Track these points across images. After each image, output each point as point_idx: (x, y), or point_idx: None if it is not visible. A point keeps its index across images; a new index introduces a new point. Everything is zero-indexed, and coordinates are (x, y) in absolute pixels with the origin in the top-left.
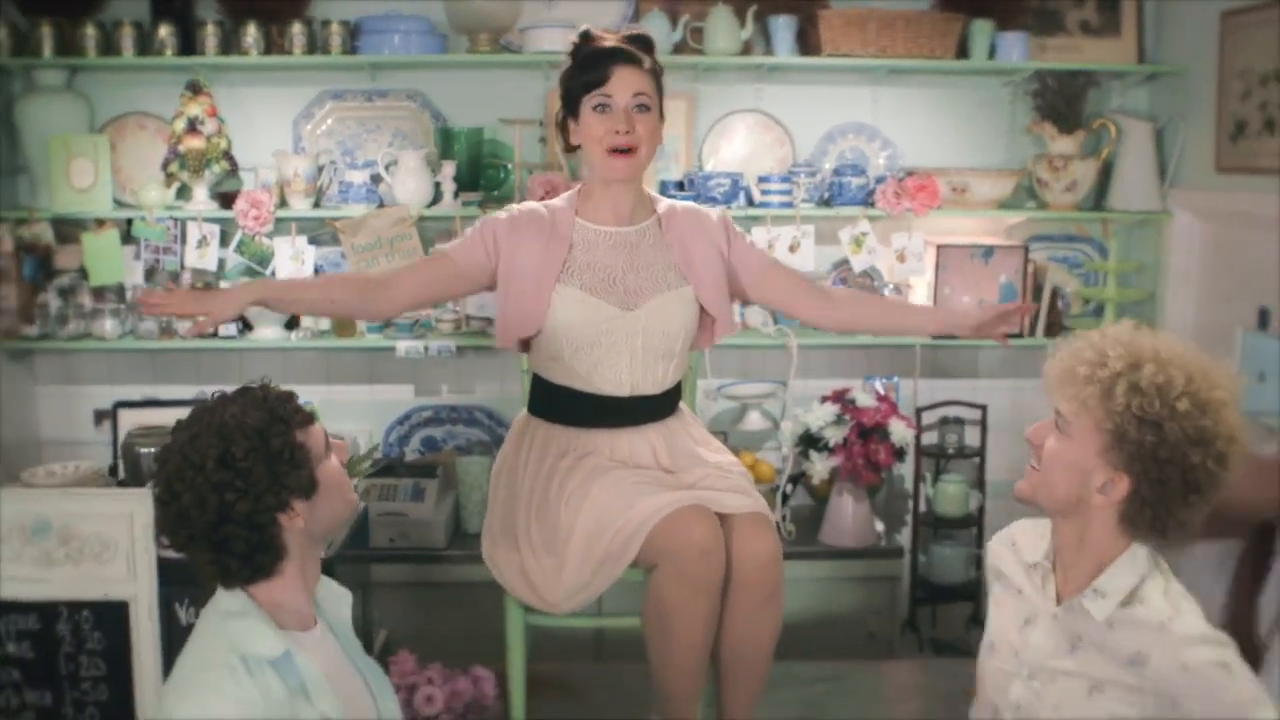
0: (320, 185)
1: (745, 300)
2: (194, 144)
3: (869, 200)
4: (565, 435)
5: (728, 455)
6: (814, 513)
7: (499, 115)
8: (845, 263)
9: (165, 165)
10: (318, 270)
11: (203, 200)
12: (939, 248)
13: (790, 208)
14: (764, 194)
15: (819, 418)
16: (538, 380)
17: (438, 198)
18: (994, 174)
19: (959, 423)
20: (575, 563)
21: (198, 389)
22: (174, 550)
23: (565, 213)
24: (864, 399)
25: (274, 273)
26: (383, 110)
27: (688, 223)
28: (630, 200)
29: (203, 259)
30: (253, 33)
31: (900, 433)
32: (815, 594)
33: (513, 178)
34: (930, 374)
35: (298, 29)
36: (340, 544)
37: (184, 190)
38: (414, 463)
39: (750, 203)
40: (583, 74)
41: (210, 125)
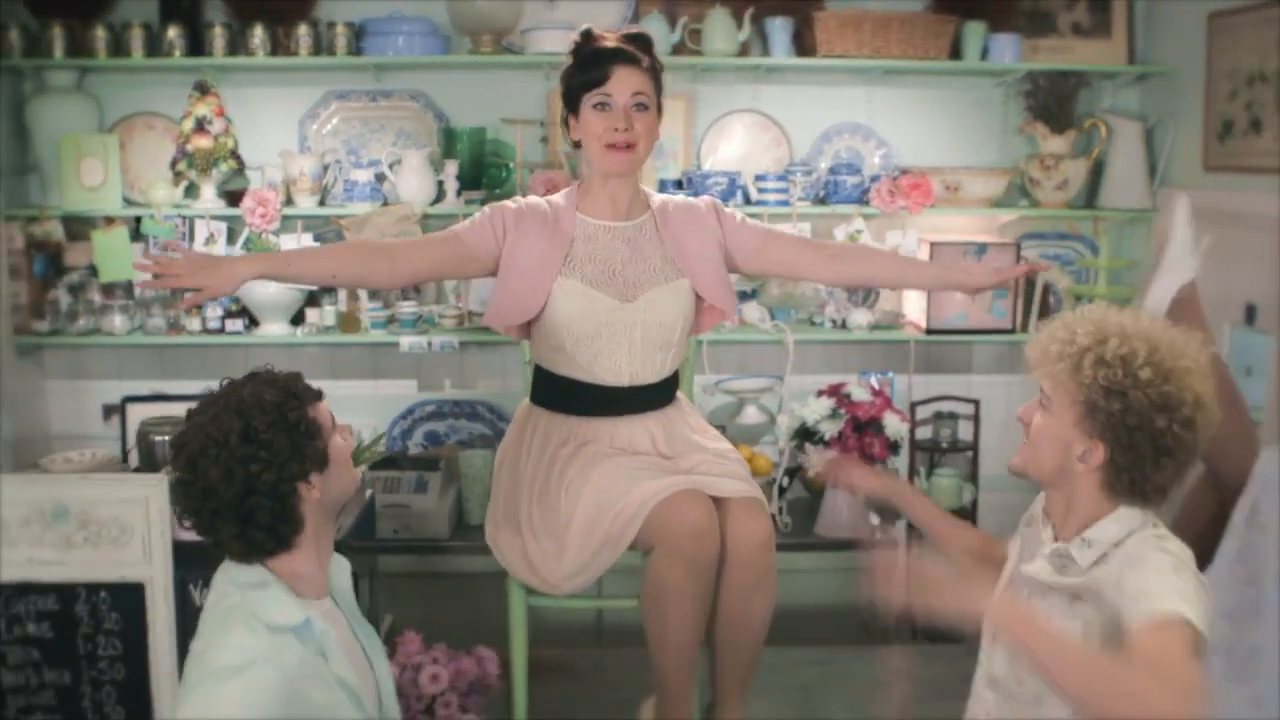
0: (325, 184)
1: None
2: (202, 143)
3: (864, 198)
4: (566, 424)
5: (723, 442)
6: (810, 505)
7: (501, 115)
8: None
9: (173, 164)
10: None
11: (210, 198)
12: (933, 245)
13: (787, 206)
14: (761, 192)
15: (815, 412)
16: (539, 371)
17: (441, 196)
18: (987, 173)
19: (952, 417)
20: (575, 545)
21: (204, 384)
22: (197, 529)
23: (566, 208)
24: (859, 393)
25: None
26: (387, 110)
27: (681, 217)
28: (628, 195)
29: None
30: (259, 34)
31: (895, 427)
32: (811, 585)
33: (514, 176)
34: (924, 369)
35: (303, 30)
36: (347, 532)
37: (192, 189)
38: (417, 456)
39: (747, 201)
40: (583, 73)
41: (218, 125)
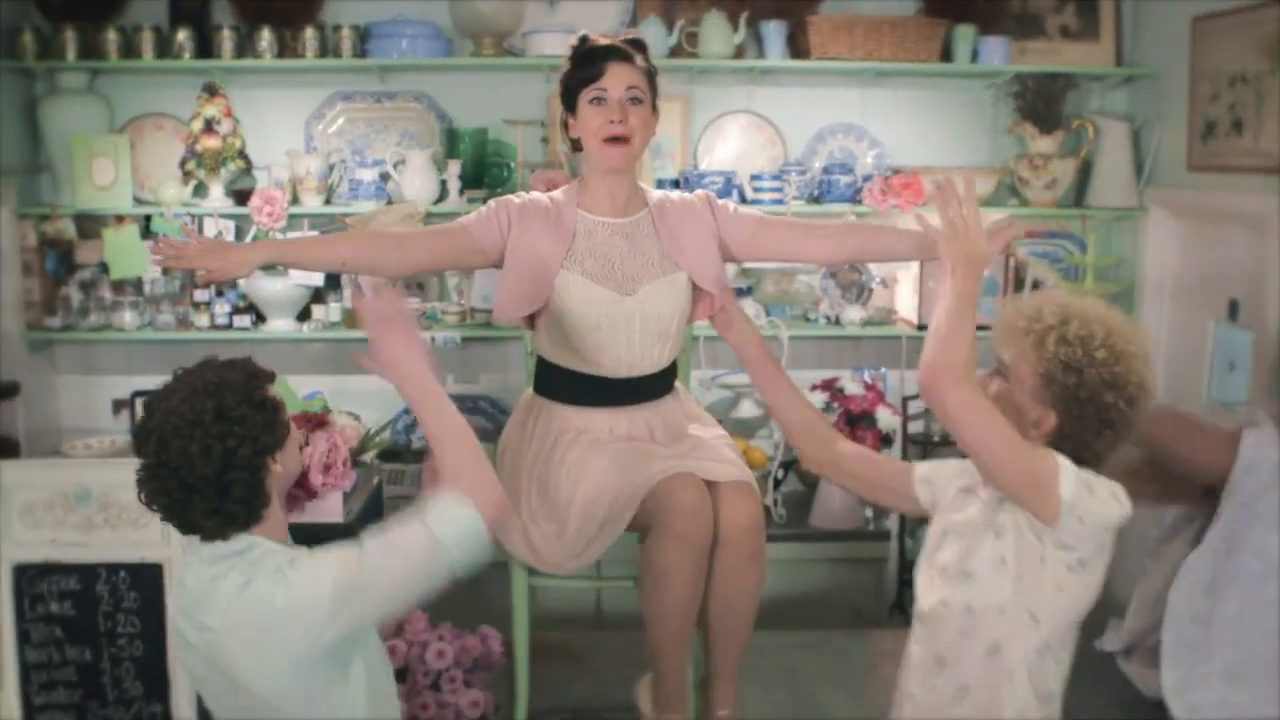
0: (331, 183)
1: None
2: (210, 143)
3: (857, 198)
4: (567, 413)
5: (718, 429)
6: (804, 497)
7: (502, 116)
8: None
9: (183, 164)
10: None
11: (219, 197)
12: None
13: (781, 205)
14: (756, 191)
15: None
16: (541, 362)
17: (444, 195)
18: (977, 172)
19: None
20: (575, 527)
21: None
22: (165, 512)
23: (567, 204)
24: (852, 388)
25: (286, 270)
26: (391, 111)
27: (676, 212)
28: (625, 192)
29: None
30: (267, 37)
31: (887, 420)
32: (805, 575)
33: (516, 176)
34: (916, 364)
35: (310, 33)
36: (354, 517)
37: (200, 188)
38: (421, 449)
39: (743, 200)
40: (579, 70)
41: (226, 125)
